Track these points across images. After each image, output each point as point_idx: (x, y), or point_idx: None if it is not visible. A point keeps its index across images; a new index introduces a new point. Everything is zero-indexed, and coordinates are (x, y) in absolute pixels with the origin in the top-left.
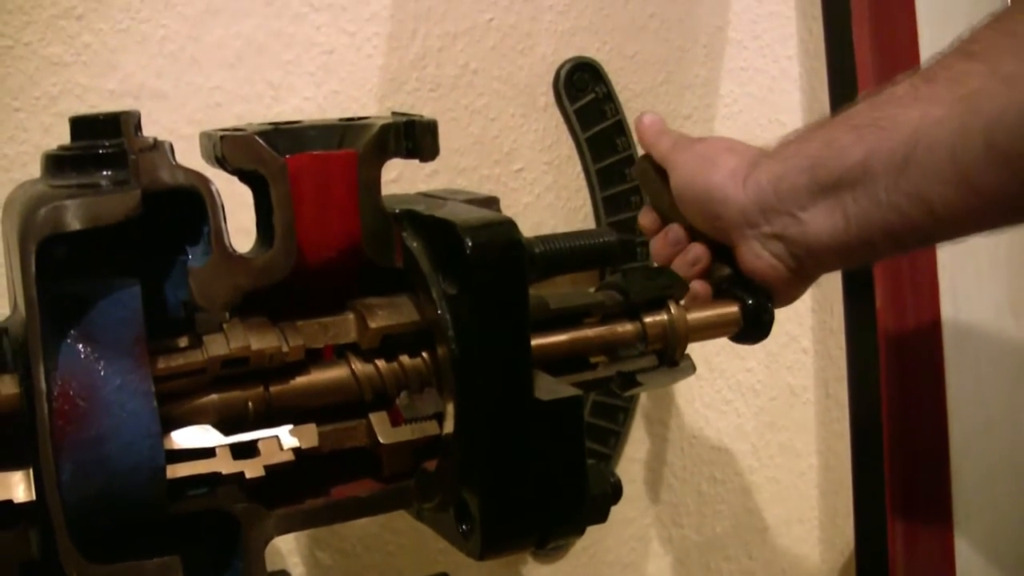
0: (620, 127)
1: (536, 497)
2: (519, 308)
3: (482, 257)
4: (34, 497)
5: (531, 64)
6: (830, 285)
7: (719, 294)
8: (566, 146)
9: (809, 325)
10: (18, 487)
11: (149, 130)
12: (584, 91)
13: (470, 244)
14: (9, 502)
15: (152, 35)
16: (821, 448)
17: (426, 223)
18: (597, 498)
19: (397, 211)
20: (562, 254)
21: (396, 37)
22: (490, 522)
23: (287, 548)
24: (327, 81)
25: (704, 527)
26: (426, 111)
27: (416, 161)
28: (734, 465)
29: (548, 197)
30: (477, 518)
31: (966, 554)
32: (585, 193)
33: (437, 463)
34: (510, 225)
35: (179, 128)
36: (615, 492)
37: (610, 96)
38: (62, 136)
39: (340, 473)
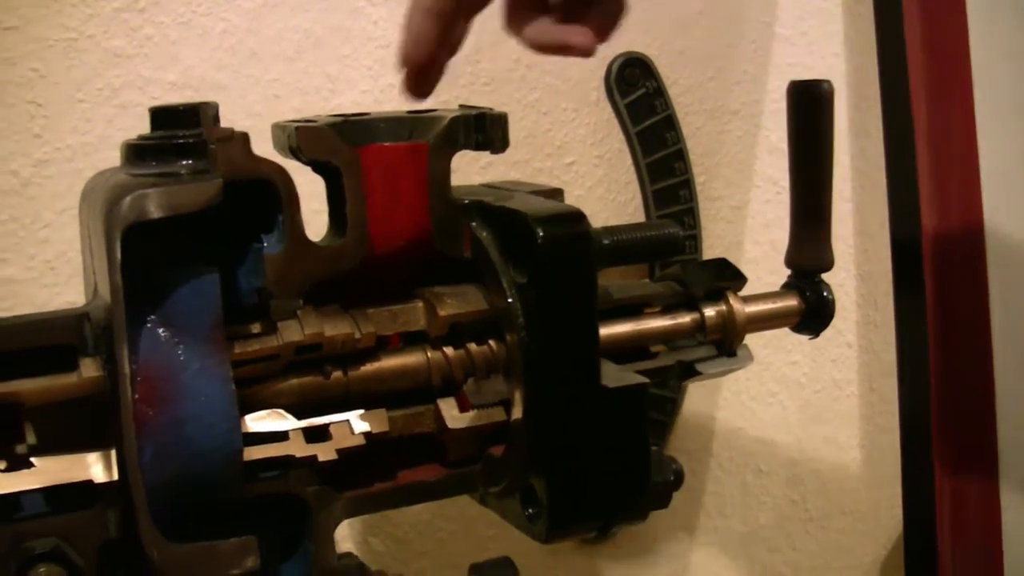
0: (670, 122)
1: (601, 483)
2: (587, 297)
3: (552, 247)
4: (114, 478)
5: (583, 59)
6: (875, 281)
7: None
8: (616, 140)
9: (854, 320)
10: (97, 468)
11: None
12: (635, 86)
13: (541, 234)
14: (89, 482)
15: (212, 28)
16: (864, 441)
17: (495, 214)
18: (660, 485)
19: (466, 202)
20: (628, 245)
21: None
22: (557, 507)
23: (340, 534)
24: (384, 75)
25: (749, 518)
26: (480, 105)
27: (471, 153)
28: (778, 457)
29: (599, 191)
30: (544, 503)
31: (1014, 547)
32: (635, 187)
33: (504, 449)
34: (579, 216)
35: (238, 120)
36: (677, 479)
37: (660, 91)
38: (125, 127)
39: (405, 458)
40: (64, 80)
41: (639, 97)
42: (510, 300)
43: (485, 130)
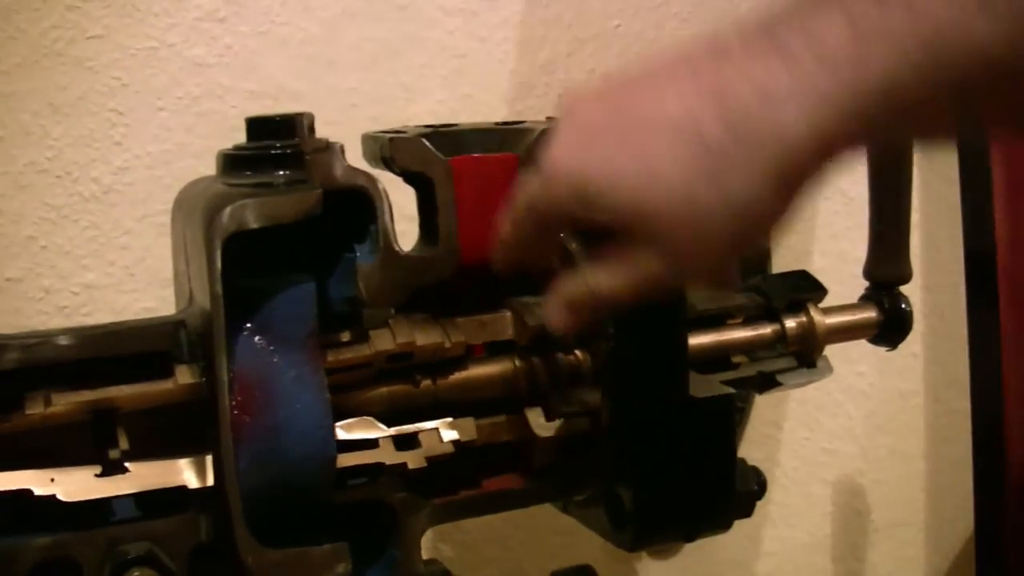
0: None
1: (687, 492)
2: (676, 307)
3: None
4: (208, 484)
5: None
6: (942, 292)
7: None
8: None
9: (920, 331)
10: (190, 473)
11: None
12: None
13: None
14: (183, 487)
15: (291, 37)
16: (929, 452)
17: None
18: (744, 494)
19: None
20: None
21: (526, 42)
22: (643, 516)
23: None
24: (459, 84)
25: (814, 528)
26: (553, 116)
27: None
28: (843, 467)
29: None
30: (631, 512)
31: None
32: None
33: (590, 458)
34: None
35: (316, 129)
36: (760, 489)
37: None
38: (204, 135)
39: (489, 466)
40: (145, 89)
41: None
42: None
43: None
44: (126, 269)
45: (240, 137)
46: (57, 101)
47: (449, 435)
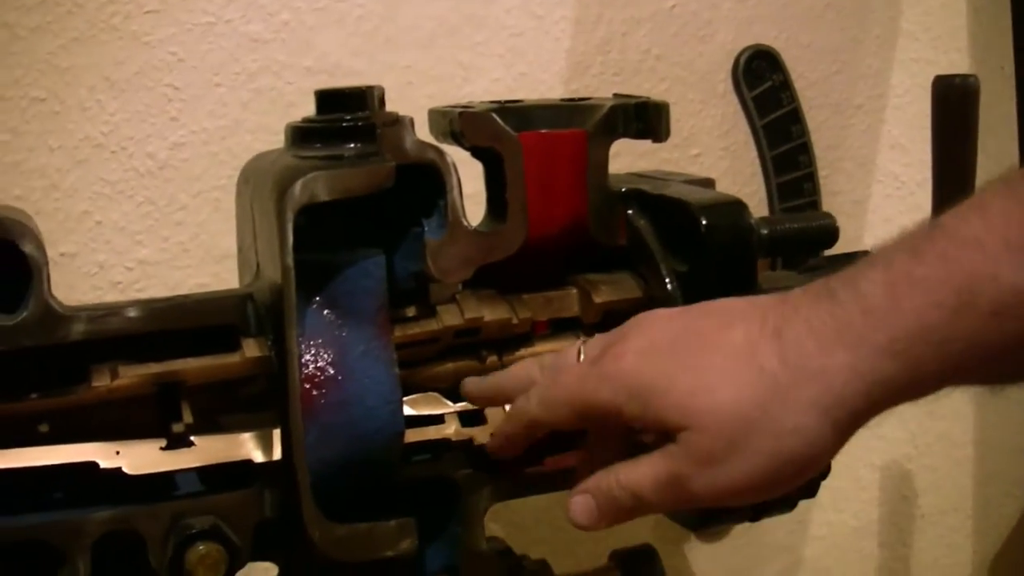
0: (795, 115)
1: None
2: (748, 286)
3: (715, 236)
4: (274, 458)
5: (711, 51)
6: None
7: None
8: (742, 133)
9: None
10: (256, 448)
11: None
12: (761, 79)
13: (704, 223)
14: (248, 462)
15: (348, 14)
16: (977, 439)
17: (655, 202)
18: None
19: (623, 190)
20: (786, 236)
21: (582, 21)
22: None
23: None
24: (516, 63)
25: (861, 513)
26: (608, 95)
27: None
28: (892, 452)
29: (724, 182)
30: None
31: None
32: (759, 180)
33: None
34: (741, 206)
35: None
36: (825, 470)
37: (787, 84)
38: (260, 112)
39: (551, 444)
40: (201, 64)
41: (766, 90)
42: (669, 288)
43: (646, 119)
44: (180, 245)
45: (295, 114)
46: (114, 76)
47: None
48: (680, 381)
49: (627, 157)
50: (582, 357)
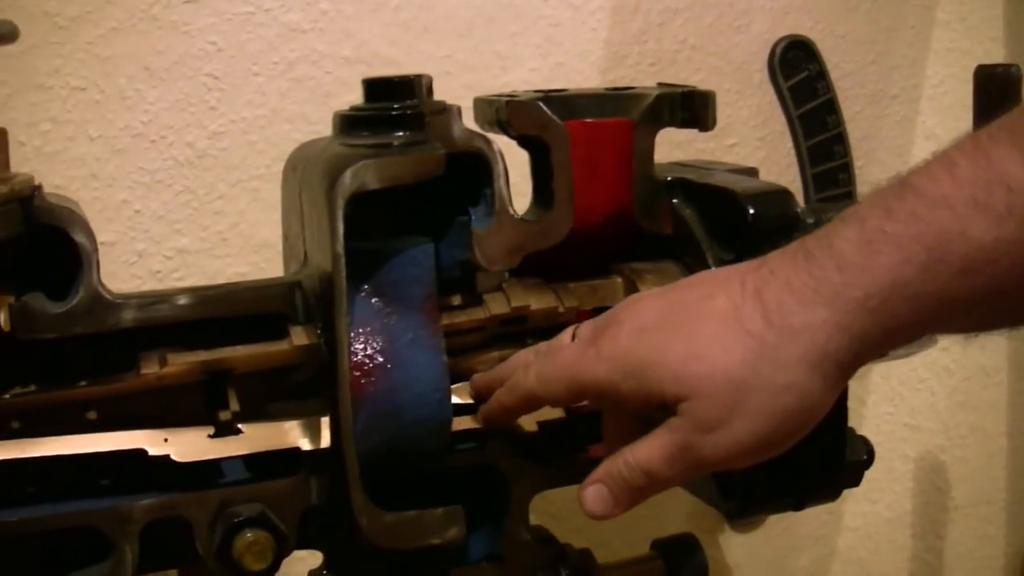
0: (831, 105)
1: (798, 461)
2: None
3: (762, 225)
4: (320, 446)
5: (747, 41)
6: None
7: None
8: (778, 123)
9: None
10: (303, 436)
11: None
12: (797, 69)
13: (751, 212)
14: (295, 449)
15: (386, 4)
16: (1011, 430)
17: (700, 191)
18: (853, 464)
19: (668, 179)
20: None
21: (619, 12)
22: (753, 484)
23: None
24: (552, 53)
25: (895, 504)
26: (644, 85)
27: None
28: (926, 444)
29: (759, 172)
30: (741, 480)
31: None
32: (795, 170)
33: None
34: (787, 195)
35: None
36: (869, 458)
37: (823, 74)
38: (299, 101)
39: (595, 432)
40: (240, 54)
41: (801, 80)
42: None
43: (692, 107)
44: (219, 234)
45: (333, 103)
46: (153, 65)
47: None
48: (671, 353)
49: (663, 147)
50: (576, 340)
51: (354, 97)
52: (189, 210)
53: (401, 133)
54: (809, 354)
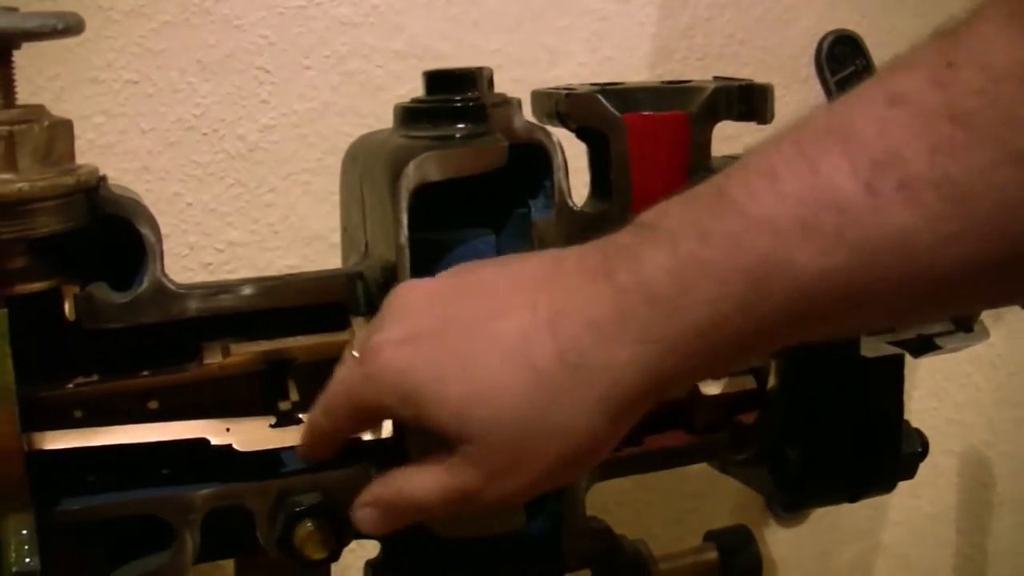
0: None
1: (853, 453)
2: None
3: None
4: (382, 436)
5: (794, 36)
6: None
7: None
8: None
9: None
10: None
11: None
12: (844, 64)
13: None
14: (356, 439)
15: None
16: None
17: None
18: (908, 456)
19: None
20: None
21: (667, 6)
22: (808, 476)
23: None
24: (601, 47)
25: (939, 499)
26: (692, 79)
27: None
28: (970, 438)
29: None
30: (796, 472)
31: None
32: None
33: (757, 417)
34: None
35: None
36: (924, 450)
37: (869, 69)
38: (350, 94)
39: (651, 423)
40: (292, 47)
41: (849, 75)
42: None
43: (751, 101)
44: (270, 227)
45: (384, 97)
46: (205, 59)
47: None
48: (451, 389)
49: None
50: (355, 351)
51: (405, 91)
52: (240, 203)
53: (462, 125)
54: (607, 398)
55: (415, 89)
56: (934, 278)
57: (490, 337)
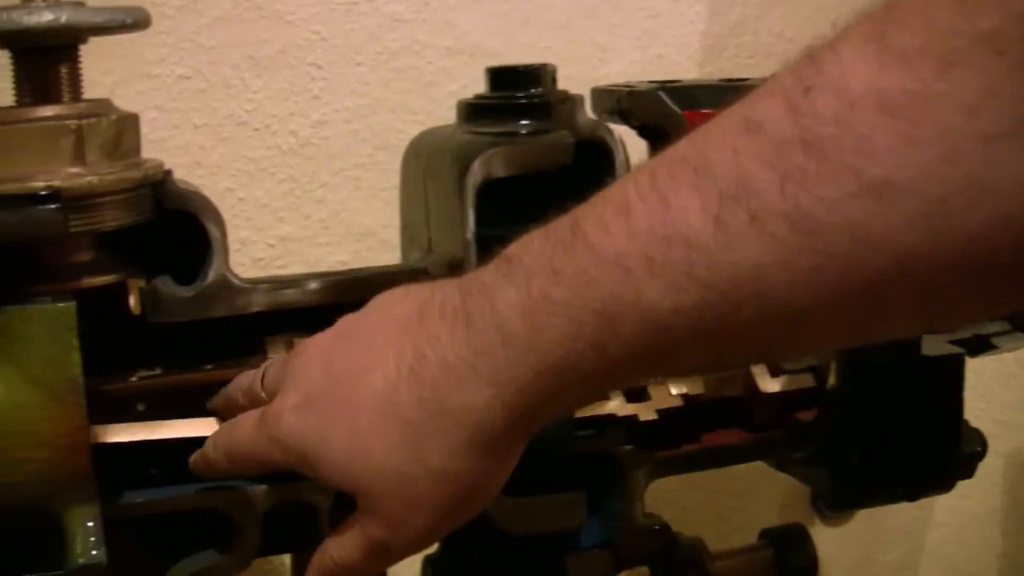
0: None
1: (912, 451)
2: None
3: None
4: None
5: None
6: None
7: None
8: None
9: None
10: None
11: (481, 88)
12: None
13: None
14: None
15: None
16: None
17: None
18: (967, 455)
19: None
20: None
21: (717, 4)
22: (866, 475)
23: None
24: (651, 45)
25: (985, 500)
26: (741, 77)
27: None
28: (1017, 440)
29: None
30: (854, 470)
31: None
32: None
33: (816, 415)
34: None
35: None
36: (983, 450)
37: None
38: (401, 91)
39: (708, 421)
40: (344, 43)
41: None
42: None
43: None
44: (321, 222)
45: (435, 93)
46: (257, 54)
47: (677, 388)
48: (334, 447)
49: None
50: (262, 392)
51: (456, 87)
52: (292, 198)
53: (527, 121)
54: (476, 438)
55: (466, 86)
56: (790, 314)
57: (364, 390)
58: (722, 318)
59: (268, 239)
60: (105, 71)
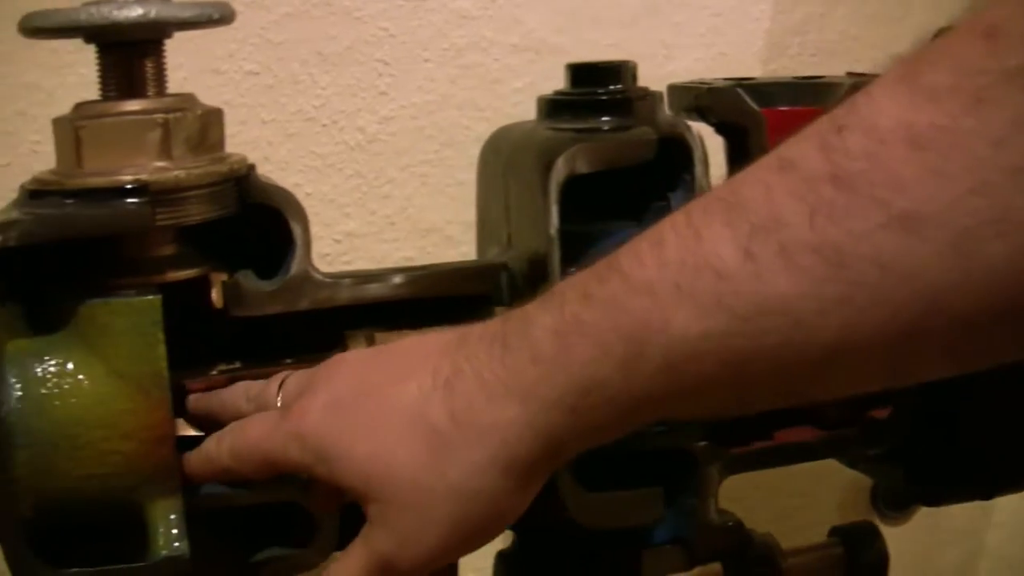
0: None
1: (989, 449)
2: None
3: None
4: None
5: (906, 32)
6: None
7: None
8: None
9: None
10: None
11: (547, 84)
12: None
13: None
14: None
15: None
16: None
17: None
18: None
19: None
20: None
21: (781, 2)
22: (942, 473)
23: None
24: (716, 43)
25: None
26: (805, 75)
27: None
28: None
29: None
30: (930, 469)
31: None
32: None
33: (890, 412)
34: None
35: None
36: None
37: None
38: (468, 87)
39: (781, 418)
40: (411, 40)
41: None
42: None
43: None
44: (387, 218)
45: (501, 90)
46: (325, 50)
47: None
48: (360, 446)
49: None
50: (279, 400)
51: (521, 84)
52: (358, 194)
53: (608, 117)
54: (499, 457)
55: (532, 83)
56: (817, 346)
57: (394, 399)
58: (750, 346)
59: (334, 235)
60: (174, 66)
